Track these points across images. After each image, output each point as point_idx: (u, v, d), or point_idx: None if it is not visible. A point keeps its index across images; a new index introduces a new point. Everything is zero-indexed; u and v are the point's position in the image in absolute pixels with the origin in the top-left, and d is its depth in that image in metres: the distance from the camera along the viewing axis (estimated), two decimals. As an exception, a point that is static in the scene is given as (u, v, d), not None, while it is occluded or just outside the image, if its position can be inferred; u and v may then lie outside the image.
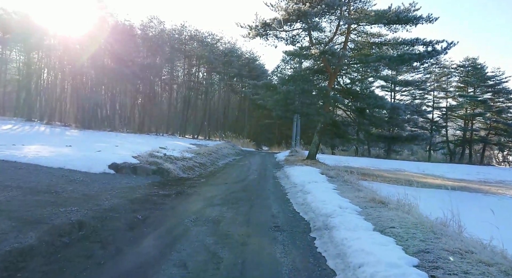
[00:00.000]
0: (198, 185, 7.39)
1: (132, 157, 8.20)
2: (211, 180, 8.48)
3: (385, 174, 16.00)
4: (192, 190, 6.62)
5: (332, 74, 14.32)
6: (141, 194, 5.63)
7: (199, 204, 5.44)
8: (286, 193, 7.31)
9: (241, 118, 40.29)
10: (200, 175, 9.10)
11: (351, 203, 5.36)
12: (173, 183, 7.25)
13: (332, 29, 14.70)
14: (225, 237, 3.78)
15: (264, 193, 7.13)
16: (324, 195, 6.07)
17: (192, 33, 35.63)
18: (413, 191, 10.62)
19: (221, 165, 12.84)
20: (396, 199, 5.98)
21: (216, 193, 6.62)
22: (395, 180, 13.49)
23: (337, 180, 8.90)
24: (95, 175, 6.78)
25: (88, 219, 3.80)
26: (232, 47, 38.11)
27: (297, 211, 5.43)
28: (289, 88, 12.59)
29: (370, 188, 7.63)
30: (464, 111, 36.14)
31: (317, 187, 7.19)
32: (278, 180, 9.62)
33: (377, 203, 5.35)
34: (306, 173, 10.11)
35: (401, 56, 12.20)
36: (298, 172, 10.55)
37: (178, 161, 9.42)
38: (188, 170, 9.17)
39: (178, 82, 38.93)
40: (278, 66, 14.88)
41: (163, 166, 7.97)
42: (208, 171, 10.27)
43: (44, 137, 16.38)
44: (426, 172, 18.94)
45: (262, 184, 8.54)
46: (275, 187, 8.11)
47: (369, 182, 10.63)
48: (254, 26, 14.39)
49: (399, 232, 3.64)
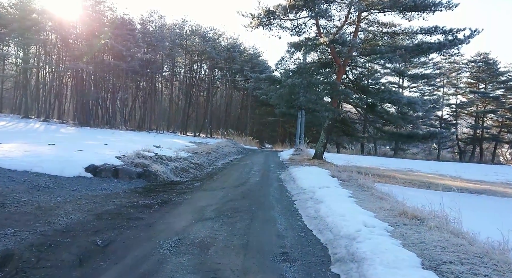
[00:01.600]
0: (190, 190, 6.31)
1: (116, 157, 7.13)
2: (207, 183, 7.40)
3: (398, 174, 14.83)
4: (182, 198, 5.54)
5: (341, 67, 13.14)
6: (115, 205, 4.55)
7: (186, 218, 4.36)
8: (294, 201, 6.20)
9: (243, 115, 39.22)
10: (195, 178, 8.02)
11: (377, 218, 4.25)
12: (161, 188, 6.17)
13: (341, 17, 13.50)
14: (213, 275, 2.70)
15: (268, 201, 6.04)
16: (340, 205, 4.97)
17: (193, 28, 34.56)
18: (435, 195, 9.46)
19: (221, 165, 11.77)
20: (428, 209, 4.87)
21: (210, 201, 5.53)
22: (410, 182, 12.35)
23: (351, 184, 7.79)
24: (67, 179, 5.73)
25: (22, 248, 2.73)
26: (235, 42, 36.97)
27: (309, 228, 4.33)
28: (295, 81, 11.45)
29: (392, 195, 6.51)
30: (475, 109, 34.74)
31: (330, 193, 6.09)
32: (283, 183, 8.52)
33: (410, 219, 4.22)
34: (315, 175, 9.01)
35: (419, 46, 10.99)
36: (305, 173, 9.44)
37: (170, 161, 8.34)
38: (181, 172, 8.10)
39: (180, 78, 37.89)
40: (283, 58, 13.55)
41: (151, 167, 6.89)
42: (204, 173, 9.18)
43: (33, 135, 15.39)
44: (439, 172, 17.73)
45: (265, 188, 7.45)
46: (280, 193, 7.01)
47: (383, 184, 9.49)
48: (257, 14, 13.24)
49: (463, 272, 2.53)
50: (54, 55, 30.53)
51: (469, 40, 11.19)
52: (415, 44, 11.04)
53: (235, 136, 29.28)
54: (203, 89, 38.71)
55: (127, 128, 31.22)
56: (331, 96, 13.20)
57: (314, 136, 31.28)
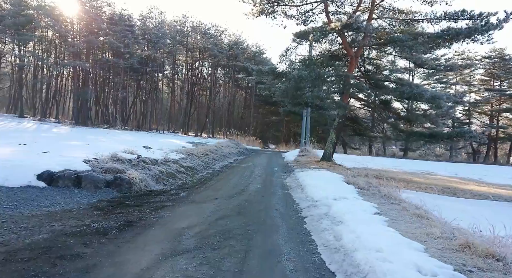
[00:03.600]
0: (171, 204, 4.96)
1: (84, 161, 5.79)
2: (196, 192, 6.04)
3: (415, 178, 13.37)
4: (156, 216, 4.19)
5: (353, 58, 11.70)
6: (52, 232, 3.20)
7: (152, 253, 3.00)
8: (304, 218, 4.80)
9: (246, 115, 37.90)
10: (183, 186, 6.65)
11: (432, 255, 2.85)
12: (133, 201, 4.83)
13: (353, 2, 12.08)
14: None
15: (270, 219, 4.66)
16: (370, 230, 3.58)
17: (194, 24, 33.29)
18: (470, 205, 7.96)
19: (218, 169, 10.41)
20: (498, 236, 3.44)
21: (194, 220, 4.18)
22: (432, 187, 10.86)
23: (372, 193, 6.37)
24: (9, 190, 4.41)
25: None
26: (237, 40, 35.67)
27: (330, 270, 2.93)
28: (301, 74, 10.04)
29: (427, 208, 5.10)
30: (490, 107, 33.02)
31: (350, 208, 4.71)
32: (289, 191, 7.13)
33: (483, 257, 2.81)
34: (326, 181, 7.62)
35: (445, 32, 9.54)
36: (315, 179, 8.05)
37: (155, 165, 7.00)
38: (167, 178, 6.75)
39: (181, 77, 36.63)
40: (288, 49, 12.13)
41: (125, 174, 5.55)
42: (196, 178, 7.82)
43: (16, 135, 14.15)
44: (459, 175, 16.21)
45: (267, 199, 6.07)
46: (285, 205, 5.62)
47: (402, 190, 8.06)
48: (259, 0, 11.89)
49: None
50: (50, 52, 29.44)
51: (502, 25, 9.70)
52: (440, 30, 9.57)
53: (238, 137, 28.02)
54: (205, 88, 37.44)
55: (126, 128, 30.06)
56: (342, 91, 11.78)
57: (320, 137, 29.84)
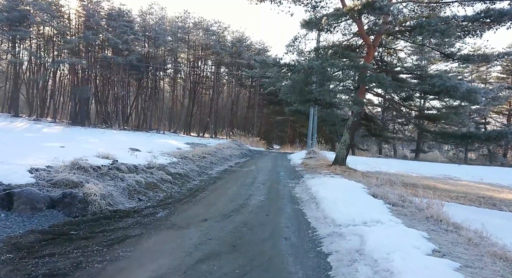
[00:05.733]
0: (138, 232, 3.53)
1: (29, 171, 4.37)
2: (180, 211, 4.60)
3: (440, 184, 11.79)
4: (106, 258, 2.75)
5: (371, 48, 10.19)
6: None
7: None
8: (327, 257, 3.31)
9: (250, 115, 36.49)
10: (165, 200, 5.20)
11: None
12: (82, 231, 3.40)
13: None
14: None
15: (278, 258, 3.19)
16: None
17: (196, 20, 31.96)
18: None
19: (215, 174, 8.98)
20: None
21: (164, 264, 2.74)
22: (463, 196, 9.22)
23: (411, 213, 4.86)
24: None
25: None
26: (241, 36, 34.30)
27: None
28: (312, 64, 8.56)
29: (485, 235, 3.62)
30: (508, 106, 31.16)
31: (393, 241, 3.25)
32: (300, 206, 5.65)
33: None
34: (346, 193, 6.14)
35: (484, 14, 8.01)
36: (331, 189, 6.57)
37: (131, 173, 5.58)
38: (145, 191, 5.31)
39: (183, 76, 35.31)
40: (296, 38, 10.60)
41: (82, 188, 4.13)
42: (186, 189, 6.37)
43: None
44: (485, 180, 14.57)
45: (274, 220, 4.61)
46: (298, 233, 4.12)
47: (429, 199, 6.52)
48: (263, -18, 10.45)
49: None
50: (47, 49, 28.30)
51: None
52: (481, 11, 8.03)
53: (241, 137, 26.66)
54: (208, 87, 36.11)
55: (125, 128, 28.83)
56: (358, 85, 10.27)
57: (327, 137, 28.33)
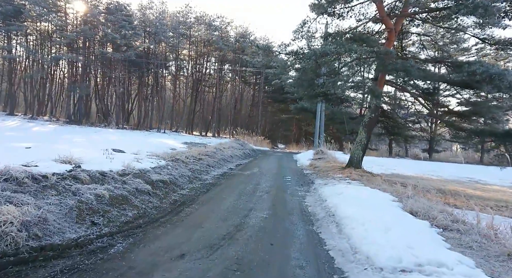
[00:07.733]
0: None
1: None
2: (148, 240, 3.28)
3: (469, 190, 10.27)
4: None
5: (392, 32, 8.78)
6: None
7: None
8: None
9: (254, 113, 35.18)
10: (132, 221, 3.86)
11: None
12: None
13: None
14: None
15: None
16: None
17: (198, 15, 30.68)
18: None
19: (211, 180, 7.64)
20: None
21: None
22: (504, 206, 7.77)
23: (477, 244, 3.48)
24: None
25: None
26: (244, 32, 32.91)
27: None
28: (326, 49, 7.19)
29: None
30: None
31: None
32: (315, 228, 4.28)
33: None
34: (374, 210, 4.72)
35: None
36: (353, 203, 5.16)
37: (93, 184, 4.27)
38: (107, 208, 3.98)
39: (185, 73, 34.07)
40: (305, 22, 9.11)
41: None
42: (169, 202, 5.04)
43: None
44: (515, 183, 13.04)
45: (281, 254, 3.25)
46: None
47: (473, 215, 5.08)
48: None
49: None
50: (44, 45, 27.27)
51: None
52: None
53: (245, 136, 25.39)
54: (211, 85, 34.83)
55: (124, 126, 27.67)
56: (377, 75, 8.87)
57: (335, 136, 26.84)
